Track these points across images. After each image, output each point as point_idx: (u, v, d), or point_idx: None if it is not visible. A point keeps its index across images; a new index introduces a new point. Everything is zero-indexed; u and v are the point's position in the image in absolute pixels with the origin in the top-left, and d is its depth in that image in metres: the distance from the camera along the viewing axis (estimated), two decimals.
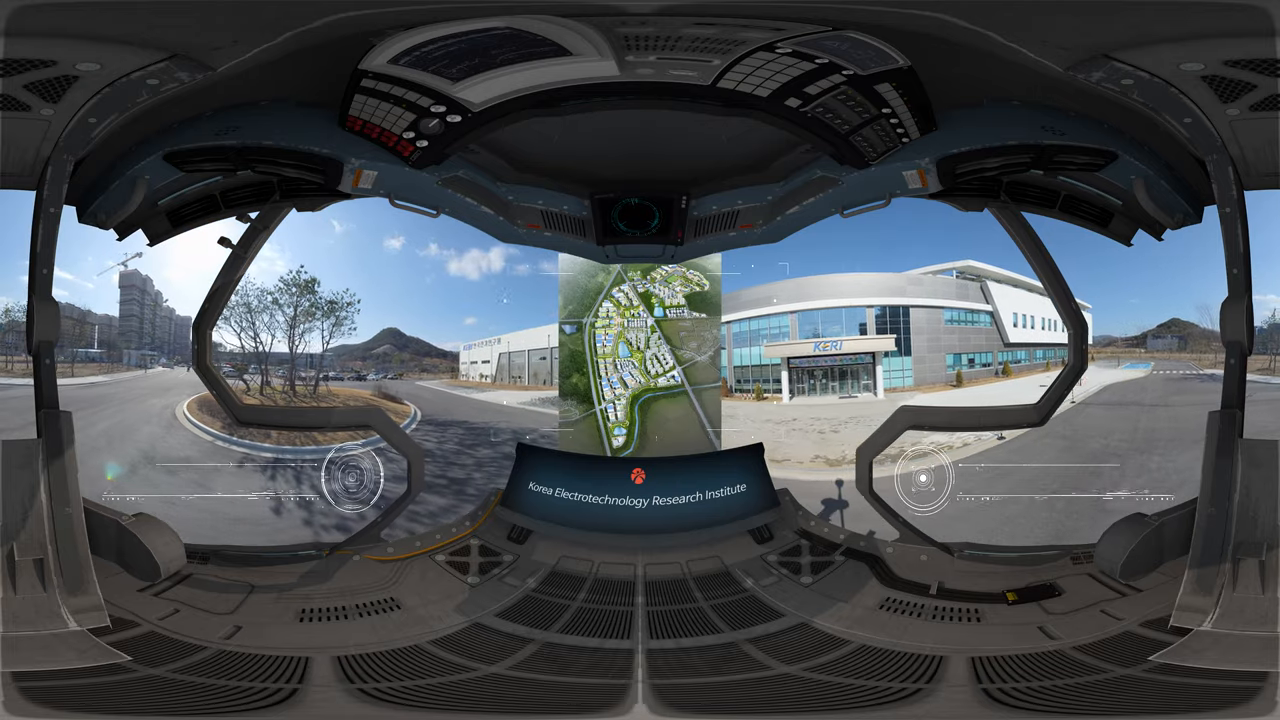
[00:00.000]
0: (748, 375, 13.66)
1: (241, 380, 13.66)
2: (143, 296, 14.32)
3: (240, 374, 13.70)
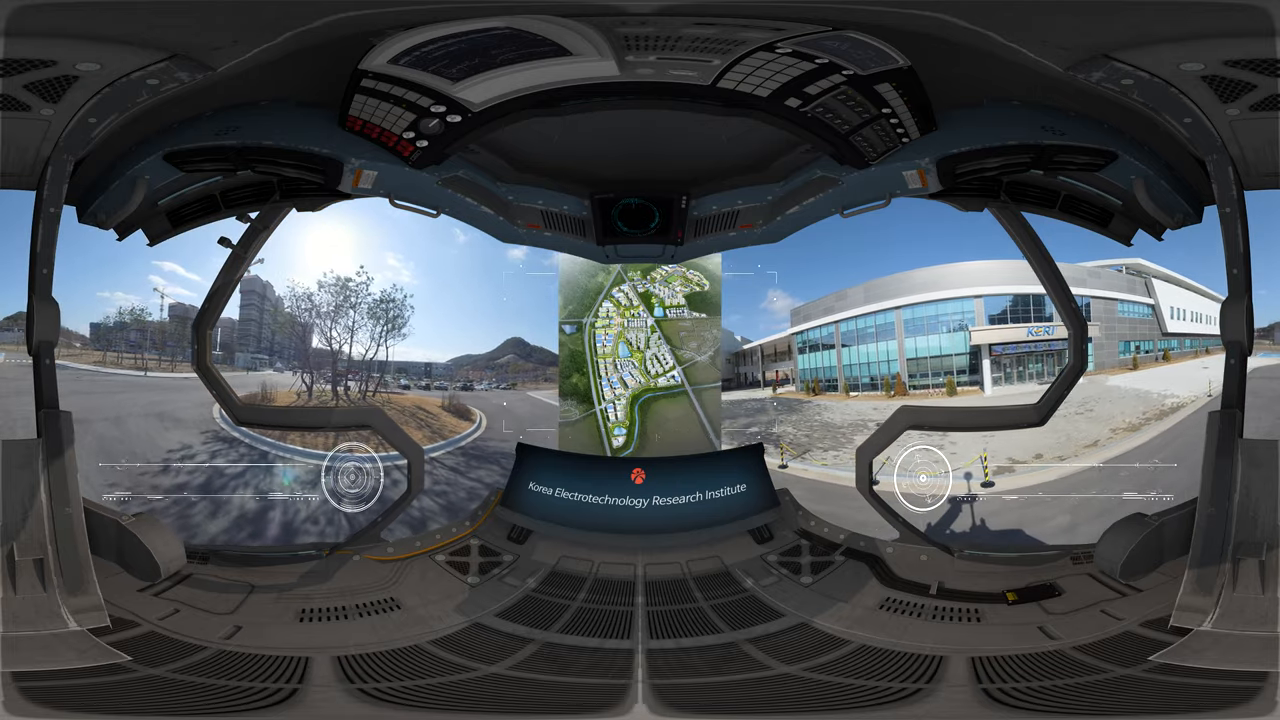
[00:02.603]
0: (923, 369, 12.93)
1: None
2: (262, 302, 14.36)
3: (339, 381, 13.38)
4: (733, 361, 14.37)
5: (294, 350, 13.74)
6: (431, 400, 14.05)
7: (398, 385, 14.04)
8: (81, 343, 12.42)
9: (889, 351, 12.93)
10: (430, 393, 14.27)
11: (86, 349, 12.42)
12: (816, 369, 13.55)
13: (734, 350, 14.46)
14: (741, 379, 14.39)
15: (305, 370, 13.40)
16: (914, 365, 12.75)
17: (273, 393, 12.92)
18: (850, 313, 13.25)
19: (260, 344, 14.26)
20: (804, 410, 13.21)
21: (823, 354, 13.58)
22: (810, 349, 13.65)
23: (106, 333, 12.64)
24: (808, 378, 13.56)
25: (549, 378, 15.21)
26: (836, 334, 13.33)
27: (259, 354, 14.18)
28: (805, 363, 13.63)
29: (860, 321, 13.18)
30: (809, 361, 13.61)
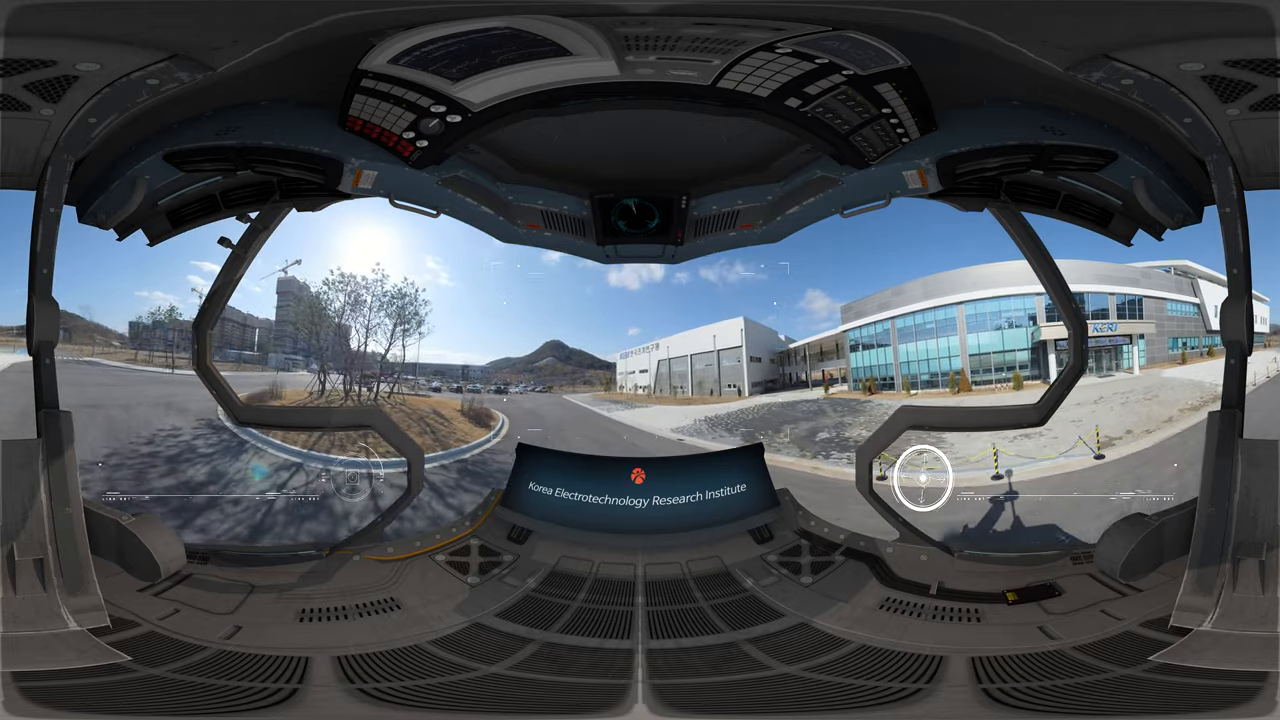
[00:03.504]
0: (985, 364, 12.83)
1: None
2: (297, 303, 14.38)
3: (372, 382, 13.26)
4: (777, 361, 14.04)
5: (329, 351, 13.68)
6: (452, 403, 13.81)
7: (429, 387, 13.84)
8: (121, 341, 12.64)
9: (950, 347, 12.77)
10: (460, 396, 14.02)
11: (124, 347, 12.70)
12: (871, 366, 13.24)
13: (778, 350, 14.15)
14: (787, 379, 14.05)
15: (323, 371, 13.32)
16: (976, 361, 12.62)
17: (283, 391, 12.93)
18: (907, 308, 12.94)
19: (296, 344, 14.26)
20: (868, 410, 12.94)
21: (878, 351, 13.25)
22: (864, 347, 13.31)
23: (142, 331, 12.73)
24: (862, 376, 13.26)
25: (588, 380, 15.27)
26: (893, 330, 12.98)
27: (293, 354, 14.16)
28: (859, 360, 13.31)
29: (919, 317, 12.93)
30: (863, 359, 13.29)
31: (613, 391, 15.02)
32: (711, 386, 13.96)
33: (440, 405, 13.70)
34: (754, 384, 13.87)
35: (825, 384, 13.53)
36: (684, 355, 14.43)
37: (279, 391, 12.99)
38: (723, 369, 13.91)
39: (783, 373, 14.11)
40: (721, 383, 13.84)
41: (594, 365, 15.59)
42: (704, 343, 14.16)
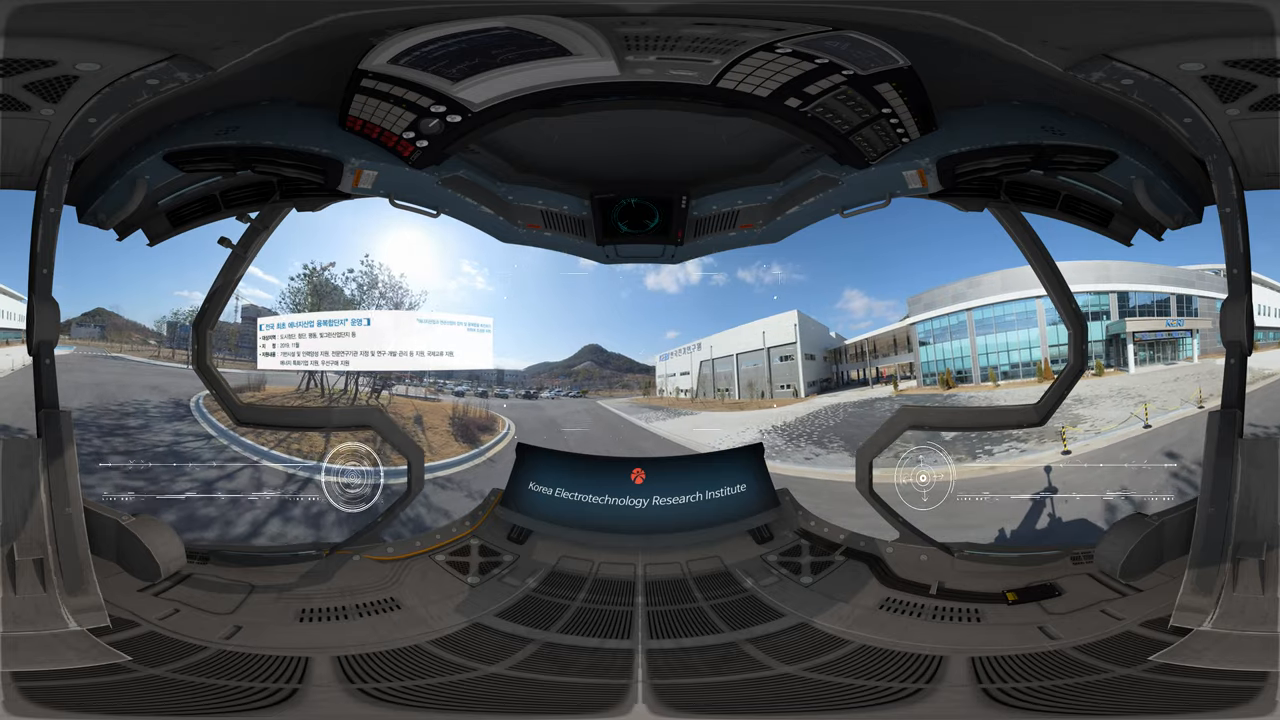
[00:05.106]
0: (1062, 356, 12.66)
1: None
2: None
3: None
4: (829, 359, 13.24)
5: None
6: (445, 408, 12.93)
7: (453, 391, 13.40)
8: (157, 340, 12.86)
9: (1030, 339, 12.44)
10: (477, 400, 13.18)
11: (161, 345, 12.92)
12: (945, 360, 12.72)
13: (830, 347, 13.26)
14: (840, 378, 13.29)
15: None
16: (1054, 351, 12.26)
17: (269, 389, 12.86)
18: (985, 300, 12.51)
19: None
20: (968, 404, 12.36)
21: (952, 344, 12.73)
22: (935, 340, 12.79)
23: (176, 330, 12.83)
24: (934, 370, 12.74)
25: (626, 384, 14.24)
26: (970, 322, 12.51)
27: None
28: (927, 355, 12.78)
29: (999, 309, 12.49)
30: (933, 353, 12.77)
31: (652, 396, 13.99)
32: (762, 388, 13.03)
33: (429, 411, 12.90)
34: (809, 383, 13.02)
35: (893, 381, 12.79)
36: (728, 355, 13.41)
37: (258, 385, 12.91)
38: (774, 368, 13.05)
39: (835, 370, 13.63)
40: (773, 383, 13.02)
41: (632, 369, 14.72)
42: (751, 341, 13.20)
